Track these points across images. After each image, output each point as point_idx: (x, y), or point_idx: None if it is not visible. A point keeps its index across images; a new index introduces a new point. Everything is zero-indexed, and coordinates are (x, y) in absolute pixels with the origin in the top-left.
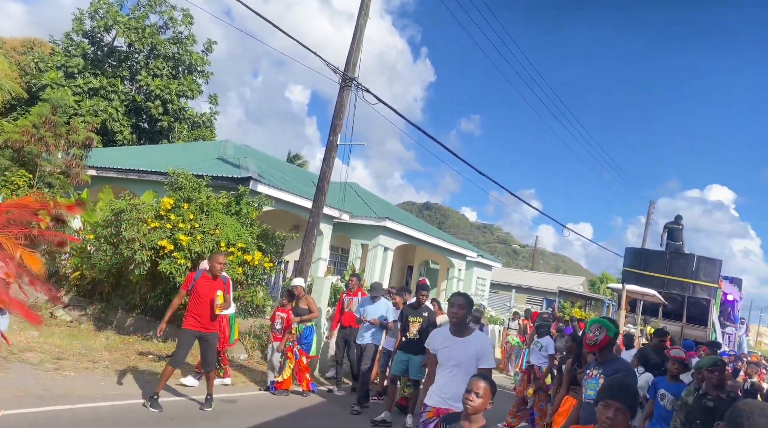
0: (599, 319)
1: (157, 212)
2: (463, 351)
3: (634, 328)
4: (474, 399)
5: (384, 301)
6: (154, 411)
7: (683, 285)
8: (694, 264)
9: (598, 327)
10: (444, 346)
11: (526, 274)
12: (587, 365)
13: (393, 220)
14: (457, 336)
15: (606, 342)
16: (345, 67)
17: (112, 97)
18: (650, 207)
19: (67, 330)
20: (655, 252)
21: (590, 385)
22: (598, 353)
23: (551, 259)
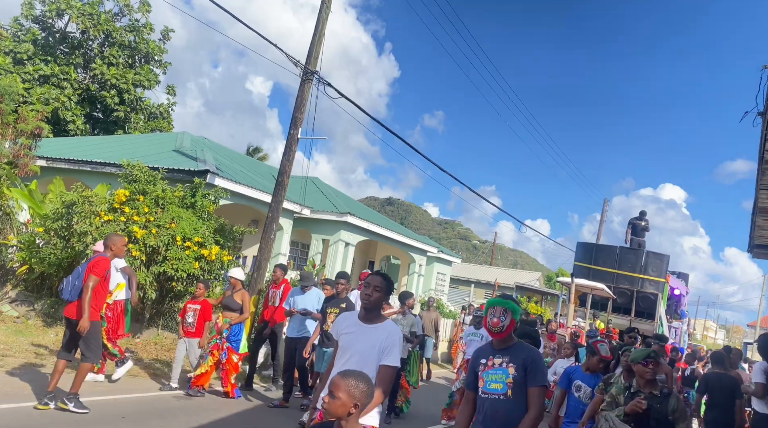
0: (501, 300)
1: (111, 205)
2: (367, 340)
3: (584, 322)
4: (328, 401)
5: (315, 292)
6: (82, 412)
7: (632, 279)
8: (643, 259)
9: (503, 310)
10: (347, 332)
11: (485, 270)
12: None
13: (354, 216)
14: (366, 323)
15: (513, 327)
16: (306, 61)
17: (65, 85)
18: (605, 204)
19: (14, 327)
20: (606, 247)
21: (494, 377)
22: (499, 340)
23: (510, 255)
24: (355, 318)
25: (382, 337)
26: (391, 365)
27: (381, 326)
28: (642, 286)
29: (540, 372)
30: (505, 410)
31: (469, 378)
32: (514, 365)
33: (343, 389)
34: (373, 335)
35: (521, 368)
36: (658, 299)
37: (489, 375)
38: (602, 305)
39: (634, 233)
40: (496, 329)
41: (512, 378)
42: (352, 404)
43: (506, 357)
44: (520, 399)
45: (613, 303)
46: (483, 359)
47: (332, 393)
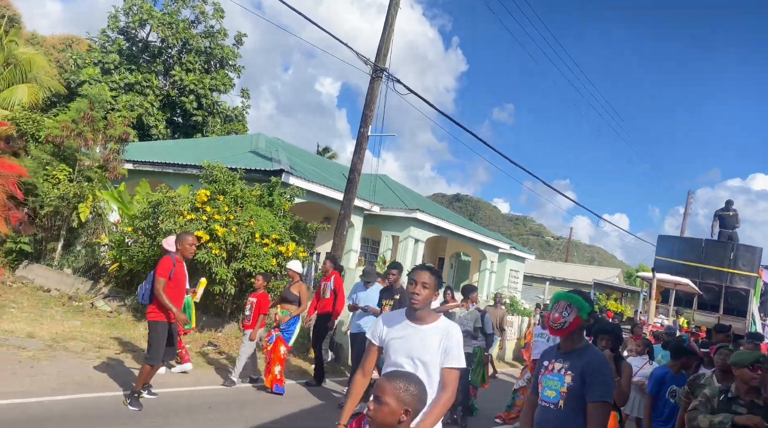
0: (567, 294)
1: (193, 204)
2: (423, 343)
3: (667, 320)
4: (374, 408)
5: (377, 287)
6: (134, 409)
7: (720, 274)
8: (733, 253)
9: (566, 305)
10: (396, 336)
11: (560, 266)
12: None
13: (424, 212)
14: (417, 324)
15: (576, 325)
16: (376, 58)
17: (147, 91)
18: (689, 196)
19: (107, 321)
20: (690, 240)
21: (550, 383)
22: (563, 340)
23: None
24: (404, 319)
25: (440, 337)
26: (456, 367)
27: (436, 325)
28: (731, 281)
29: (602, 384)
30: (556, 422)
31: (534, 380)
32: (572, 373)
33: (390, 393)
34: (429, 336)
35: (579, 377)
36: (749, 295)
37: (546, 381)
38: (687, 302)
39: (722, 225)
40: (556, 325)
41: (567, 388)
42: (402, 410)
43: (566, 362)
44: (576, 412)
45: (698, 300)
46: (546, 361)
47: (378, 398)
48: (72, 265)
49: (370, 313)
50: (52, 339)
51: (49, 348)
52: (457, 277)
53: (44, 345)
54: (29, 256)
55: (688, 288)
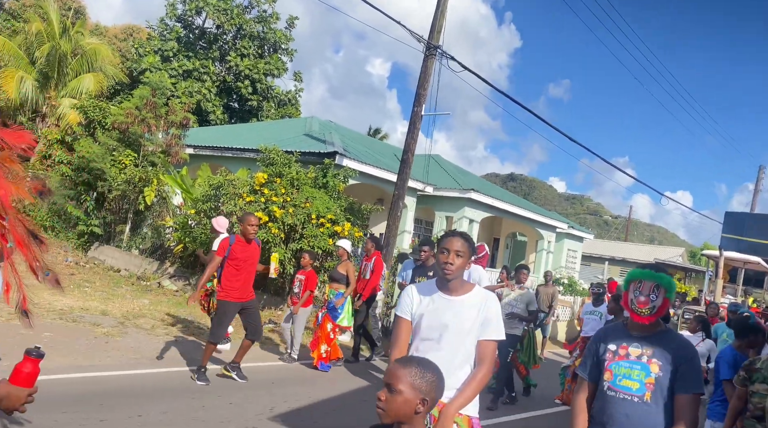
0: (652, 273)
1: (252, 187)
2: (458, 315)
3: (735, 300)
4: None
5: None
6: (201, 384)
7: None
8: None
9: (653, 286)
10: (428, 309)
11: (620, 246)
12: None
13: (478, 192)
14: (451, 295)
15: (665, 309)
16: (429, 35)
17: (205, 78)
18: (760, 172)
19: (174, 299)
20: (761, 216)
21: (628, 371)
22: (641, 324)
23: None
24: (435, 291)
25: (477, 308)
26: (493, 338)
27: (472, 296)
28: None
29: (697, 375)
30: (640, 416)
31: (587, 362)
32: (660, 361)
33: (405, 380)
34: (464, 308)
35: (670, 367)
36: None
37: (620, 368)
38: (757, 281)
39: None
40: (644, 311)
41: (654, 378)
42: (418, 399)
43: (649, 348)
44: (661, 405)
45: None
46: (612, 344)
47: (391, 386)
48: (139, 247)
49: None
50: (124, 316)
51: (121, 325)
52: (513, 258)
53: (116, 323)
54: (100, 238)
55: (759, 267)
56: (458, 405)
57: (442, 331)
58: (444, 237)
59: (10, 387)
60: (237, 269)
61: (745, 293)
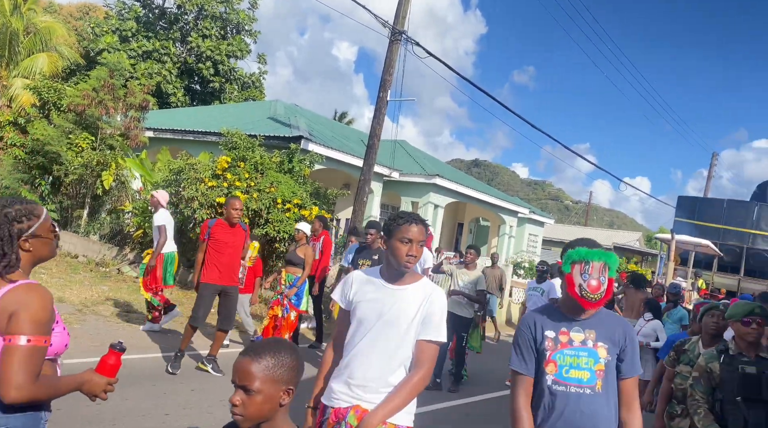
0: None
1: (214, 171)
2: (398, 307)
3: (685, 282)
4: (241, 402)
5: None
6: (173, 372)
7: (742, 235)
8: (755, 213)
9: (602, 267)
10: (368, 299)
11: (580, 230)
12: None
13: (443, 177)
14: (394, 284)
15: (612, 290)
16: (394, 21)
17: (165, 59)
18: (713, 158)
19: (134, 286)
20: (711, 201)
21: (575, 360)
22: None
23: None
24: (378, 278)
25: (419, 301)
26: (434, 340)
27: (416, 287)
28: (753, 243)
29: (636, 355)
30: (593, 410)
31: (524, 354)
32: (606, 344)
33: (261, 377)
34: (406, 299)
35: (615, 349)
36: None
37: (565, 357)
38: (707, 264)
39: None
40: (594, 296)
41: (603, 364)
42: (281, 391)
43: (591, 331)
44: (611, 393)
45: (719, 262)
46: (550, 330)
47: (245, 388)
48: (98, 232)
49: None
50: (82, 303)
51: (79, 313)
52: (477, 242)
53: (74, 310)
54: (56, 223)
55: (708, 250)
56: (384, 415)
57: (378, 325)
58: (401, 222)
59: (94, 375)
60: (218, 251)
61: (696, 275)
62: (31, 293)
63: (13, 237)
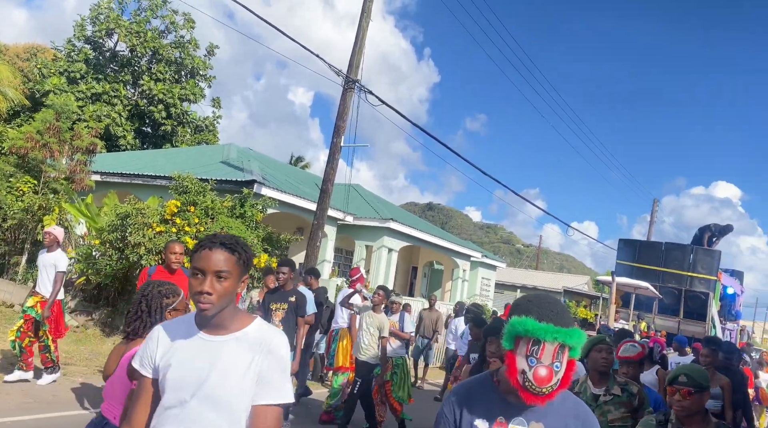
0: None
1: (163, 216)
2: (221, 365)
3: (627, 324)
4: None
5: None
6: None
7: (680, 277)
8: (692, 256)
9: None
10: (179, 357)
11: (531, 274)
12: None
13: (397, 221)
14: (213, 334)
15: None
16: (347, 70)
17: (115, 101)
18: (654, 204)
19: (74, 336)
20: (650, 243)
21: None
22: None
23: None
24: (193, 330)
25: (250, 355)
26: (274, 403)
27: (245, 335)
28: (691, 285)
29: None
30: None
31: None
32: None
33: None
34: (231, 353)
35: None
36: (709, 298)
37: None
38: (647, 306)
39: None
40: (542, 390)
41: None
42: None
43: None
44: None
45: (659, 304)
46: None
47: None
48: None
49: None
50: (15, 355)
51: (13, 366)
52: (431, 286)
53: (7, 363)
54: None
55: (648, 292)
56: None
57: (195, 391)
58: (197, 248)
59: None
60: None
61: (638, 317)
62: None
63: (163, 309)
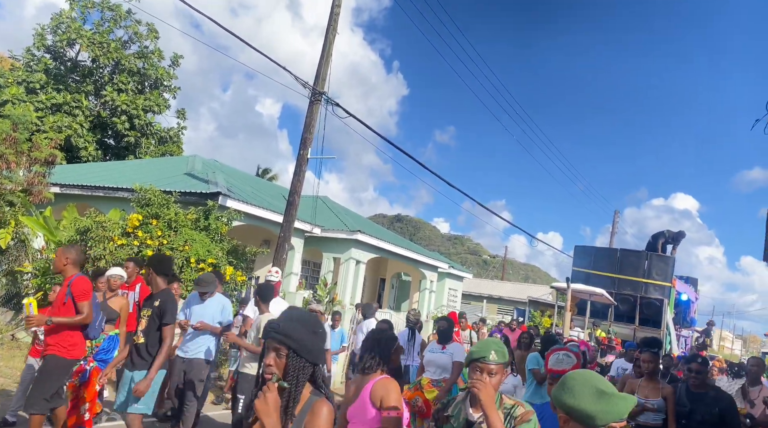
0: None
1: (124, 229)
2: None
3: (583, 332)
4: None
5: (218, 299)
6: None
7: (635, 284)
8: (647, 263)
9: None
10: None
11: (497, 284)
12: None
13: (364, 233)
14: None
15: None
16: (314, 82)
17: (77, 112)
18: (615, 216)
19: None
20: (606, 250)
21: None
22: None
23: (521, 269)
24: None
25: None
26: None
27: None
28: (646, 292)
29: None
30: None
31: None
32: None
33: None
34: None
35: None
36: (664, 305)
37: None
38: (603, 313)
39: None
40: None
41: None
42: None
43: None
44: None
45: (615, 311)
46: None
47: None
48: None
49: (204, 333)
50: None
51: None
52: (399, 297)
53: None
54: None
55: (604, 299)
56: None
57: None
58: None
59: None
60: None
61: (594, 325)
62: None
63: None
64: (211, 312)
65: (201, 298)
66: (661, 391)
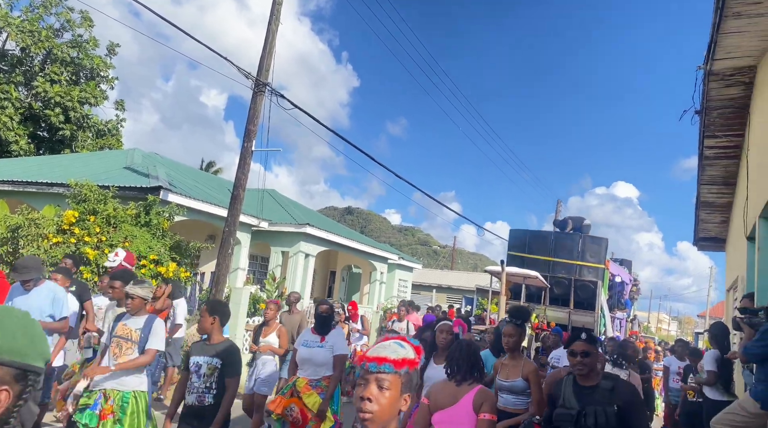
0: None
1: (60, 226)
2: None
3: None
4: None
5: (47, 287)
6: None
7: (569, 267)
8: (580, 245)
9: None
10: None
11: (446, 274)
12: None
13: (314, 226)
14: None
15: None
16: (258, 73)
17: (5, 104)
18: (558, 205)
19: None
20: (540, 233)
21: None
22: None
23: (470, 259)
24: None
25: None
26: None
27: None
28: (580, 274)
29: None
30: None
31: None
32: None
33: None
34: None
35: None
36: (597, 287)
37: None
38: (539, 297)
39: None
40: None
41: None
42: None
43: None
44: None
45: (550, 294)
46: None
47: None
48: None
49: None
50: None
51: None
52: (349, 289)
53: None
54: None
55: (538, 282)
56: None
57: None
58: None
59: None
60: None
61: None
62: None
63: None
64: (38, 305)
65: (24, 288)
66: (521, 369)
